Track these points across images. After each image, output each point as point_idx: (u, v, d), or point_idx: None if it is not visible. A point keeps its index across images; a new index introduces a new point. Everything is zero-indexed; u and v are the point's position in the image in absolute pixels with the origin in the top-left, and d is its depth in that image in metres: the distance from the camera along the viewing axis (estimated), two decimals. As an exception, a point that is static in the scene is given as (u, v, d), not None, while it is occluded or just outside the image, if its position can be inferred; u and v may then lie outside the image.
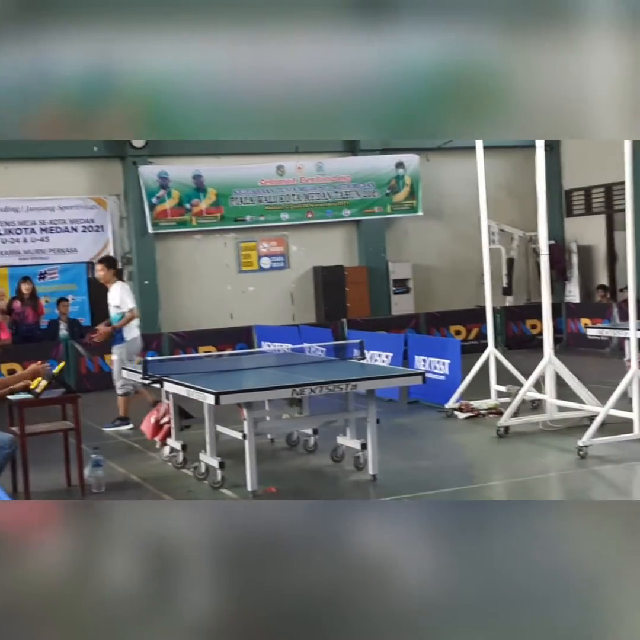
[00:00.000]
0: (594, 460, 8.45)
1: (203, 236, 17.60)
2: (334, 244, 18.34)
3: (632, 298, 8.98)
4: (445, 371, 11.67)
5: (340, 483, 8.40)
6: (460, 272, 18.60)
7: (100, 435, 10.56)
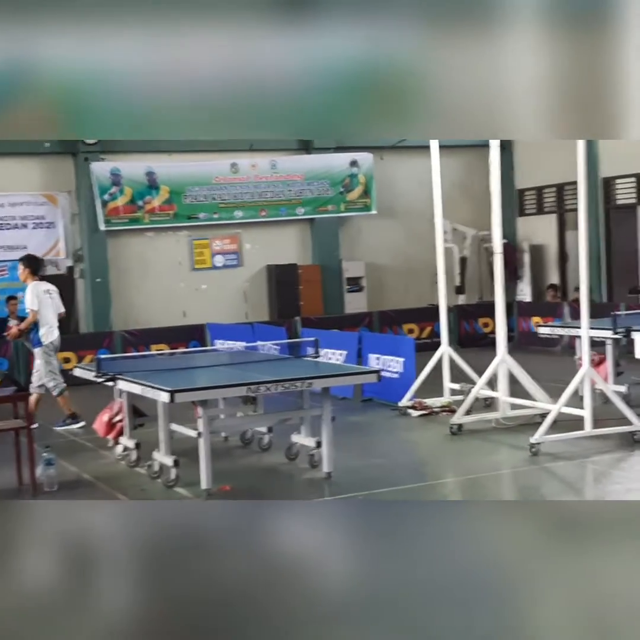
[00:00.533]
0: (546, 457, 8.55)
1: (155, 233, 17.48)
2: (287, 242, 18.33)
3: (585, 297, 9.11)
4: (399, 369, 11.72)
5: (295, 481, 8.40)
6: (413, 271, 18.70)
7: (51, 434, 10.45)
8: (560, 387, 9.53)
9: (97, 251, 16.99)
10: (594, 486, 8.09)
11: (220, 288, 17.83)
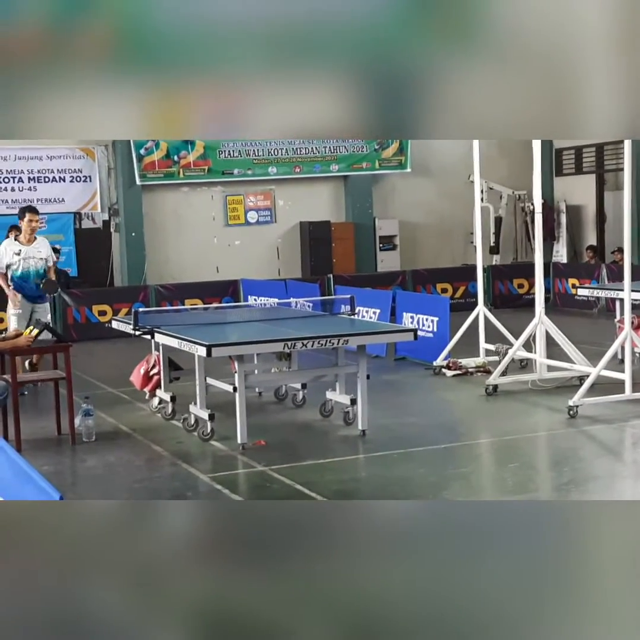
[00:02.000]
0: (584, 420, 8.48)
1: (190, 189, 17.45)
2: (321, 199, 18.23)
3: (627, 259, 8.98)
4: (433, 328, 11.67)
5: (329, 438, 8.40)
6: (447, 230, 18.57)
7: (89, 385, 10.52)
8: (597, 350, 9.46)
9: (133, 205, 17.01)
10: (632, 450, 8.03)
11: (254, 244, 17.80)
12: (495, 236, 17.91)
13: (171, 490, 6.94)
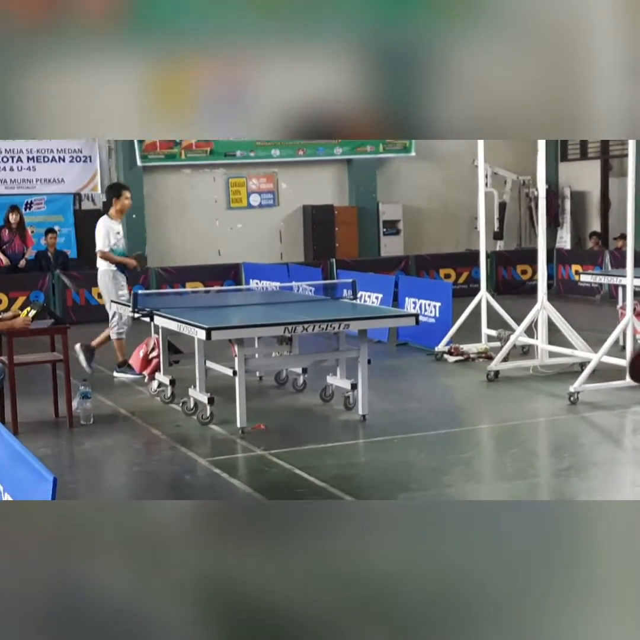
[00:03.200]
0: (585, 406, 8.43)
1: (192, 171, 17.36)
2: (324, 182, 18.13)
3: (630, 245, 8.90)
4: (435, 314, 11.60)
5: (330, 422, 8.36)
6: (451, 215, 18.48)
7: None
8: (599, 336, 9.40)
9: (134, 187, 16.74)
10: (632, 436, 7.98)
11: (256, 227, 17.72)
12: (499, 222, 17.81)
13: (169, 474, 6.89)
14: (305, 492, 6.34)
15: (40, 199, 16.41)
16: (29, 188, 16.29)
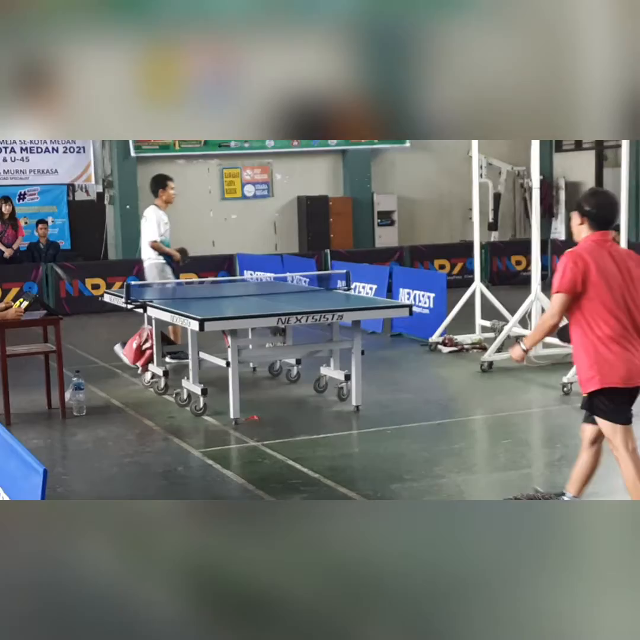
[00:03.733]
0: (578, 397, 8.36)
1: (186, 161, 17.31)
2: (319, 173, 18.10)
3: (624, 236, 8.90)
4: (429, 305, 11.59)
5: (323, 413, 8.36)
6: (446, 206, 18.46)
7: (80, 359, 10.44)
8: (594, 327, 9.37)
9: (127, 178, 16.86)
10: (626, 428, 7.98)
11: (250, 218, 17.68)
12: (493, 212, 17.79)
13: (162, 465, 6.88)
14: (298, 483, 6.34)
15: (33, 189, 16.36)
16: (23, 179, 16.24)
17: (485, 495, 6.16)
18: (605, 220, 5.16)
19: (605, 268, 5.00)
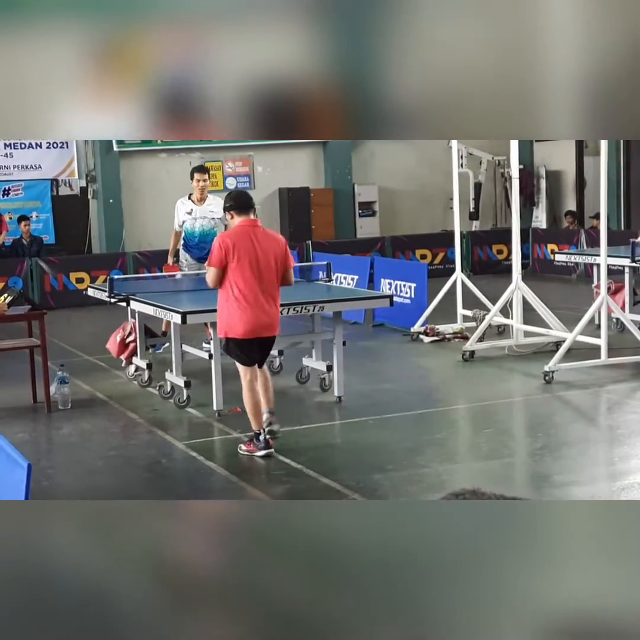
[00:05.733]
0: (560, 385, 8.51)
1: (168, 155, 17.31)
2: (300, 165, 18.13)
3: (604, 224, 8.99)
4: (411, 295, 11.67)
5: (306, 404, 8.42)
6: (427, 196, 18.52)
7: (65, 353, 10.47)
8: (575, 315, 9.48)
9: (110, 172, 16.85)
10: (607, 415, 8.08)
11: (233, 211, 17.70)
12: (474, 202, 17.85)
13: (146, 458, 6.94)
14: (281, 474, 6.41)
15: (17, 185, 16.33)
16: (6, 175, 16.22)
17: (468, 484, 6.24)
18: (242, 206, 6.70)
19: (244, 246, 6.54)
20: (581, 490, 5.99)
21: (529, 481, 6.45)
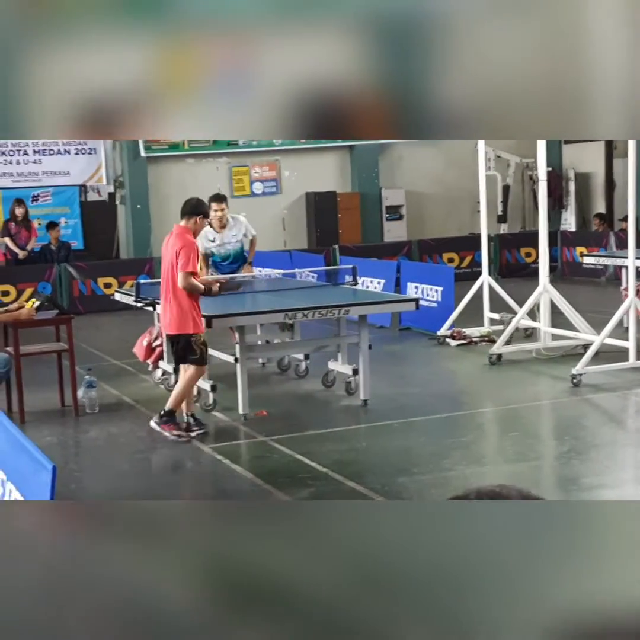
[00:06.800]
0: (588, 388, 8.45)
1: (195, 160, 17.39)
2: (326, 169, 18.14)
3: (632, 226, 8.92)
4: (437, 298, 11.64)
5: (331, 408, 8.42)
6: (455, 199, 18.46)
7: (93, 357, 10.54)
8: (604, 318, 9.40)
9: (138, 178, 16.96)
10: (636, 418, 8.02)
11: (259, 215, 17.68)
12: (502, 205, 17.79)
13: (172, 461, 6.97)
14: (306, 477, 6.40)
15: (46, 191, 16.48)
16: (35, 181, 16.37)
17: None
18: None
19: (164, 250, 7.52)
20: (609, 493, 5.94)
21: (556, 484, 6.40)
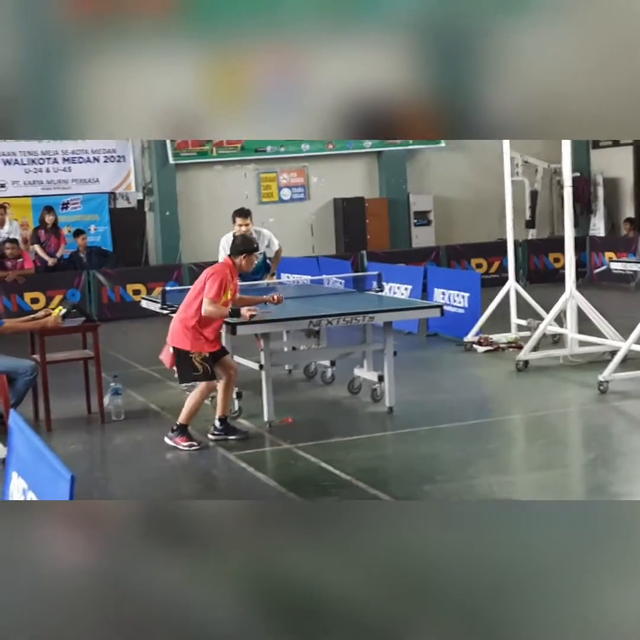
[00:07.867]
0: (615, 395, 8.37)
1: (223, 167, 17.46)
2: (354, 175, 18.14)
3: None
4: (464, 304, 11.60)
5: (357, 414, 8.41)
6: (483, 205, 18.38)
7: (120, 364, 10.60)
8: (633, 324, 9.31)
9: (167, 184, 17.06)
10: (662, 425, 7.93)
11: (287, 222, 17.75)
12: (530, 210, 17.68)
13: (197, 469, 6.99)
14: (331, 485, 6.39)
15: (76, 198, 16.62)
16: (65, 188, 16.52)
17: (519, 496, 6.16)
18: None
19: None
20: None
21: (583, 492, 6.35)
